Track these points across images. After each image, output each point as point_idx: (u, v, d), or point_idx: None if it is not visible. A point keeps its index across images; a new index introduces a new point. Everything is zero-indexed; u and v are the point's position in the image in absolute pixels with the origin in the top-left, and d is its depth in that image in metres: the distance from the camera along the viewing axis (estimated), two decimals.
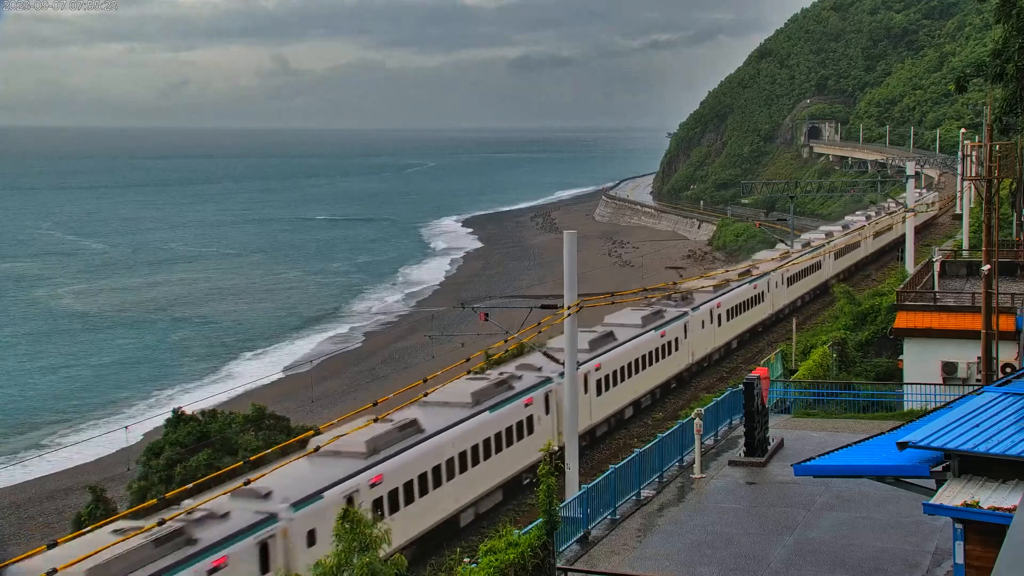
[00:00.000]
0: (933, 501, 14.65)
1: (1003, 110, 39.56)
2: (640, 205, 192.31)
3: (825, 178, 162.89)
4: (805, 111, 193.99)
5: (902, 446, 15.37)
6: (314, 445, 30.50)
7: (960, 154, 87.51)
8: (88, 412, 70.46)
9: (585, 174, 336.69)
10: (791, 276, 71.38)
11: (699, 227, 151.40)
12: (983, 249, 33.62)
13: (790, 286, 71.61)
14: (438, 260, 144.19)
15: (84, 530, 26.08)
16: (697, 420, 26.81)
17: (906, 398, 34.03)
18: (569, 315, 29.21)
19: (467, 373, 38.13)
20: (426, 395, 36.10)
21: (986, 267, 32.10)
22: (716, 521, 23.19)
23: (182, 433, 37.75)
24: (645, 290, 56.65)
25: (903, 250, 70.80)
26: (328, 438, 30.81)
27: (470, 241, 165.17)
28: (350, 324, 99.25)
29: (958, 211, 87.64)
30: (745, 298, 63.66)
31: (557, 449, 23.01)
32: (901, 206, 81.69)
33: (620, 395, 47.58)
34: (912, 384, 34.88)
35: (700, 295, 58.70)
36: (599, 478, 23.54)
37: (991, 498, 14.24)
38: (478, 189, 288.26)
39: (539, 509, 19.85)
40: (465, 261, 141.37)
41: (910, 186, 72.99)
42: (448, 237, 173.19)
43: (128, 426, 47.08)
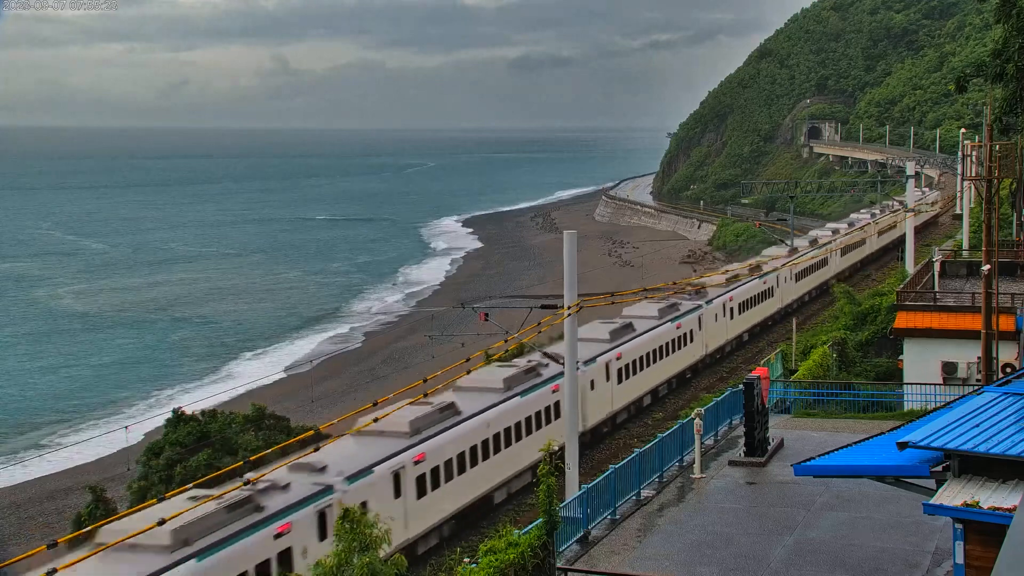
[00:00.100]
0: (933, 501, 14.65)
1: (1003, 110, 39.56)
2: (640, 205, 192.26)
3: (825, 178, 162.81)
4: (805, 111, 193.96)
5: (902, 446, 15.38)
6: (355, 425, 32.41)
7: (960, 154, 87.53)
8: (88, 412, 70.44)
9: (585, 174, 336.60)
10: (799, 272, 72.89)
11: (699, 227, 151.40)
12: (983, 249, 33.62)
13: (798, 281, 73.14)
14: (438, 260, 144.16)
15: (142, 505, 27.11)
16: (697, 420, 26.81)
17: (906, 398, 34.04)
18: (569, 315, 29.21)
19: (488, 360, 40.25)
20: (466, 375, 38.07)
21: (986, 267, 32.10)
22: (716, 521, 23.19)
23: (182, 433, 37.77)
24: (645, 290, 56.72)
25: (903, 250, 70.86)
26: (368, 419, 32.16)
27: (470, 241, 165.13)
28: (350, 324, 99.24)
29: (958, 211, 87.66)
30: (756, 293, 65.21)
31: (557, 449, 23.00)
32: (901, 206, 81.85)
33: (640, 383, 49.28)
34: (912, 384, 34.89)
35: (713, 289, 60.18)
36: (599, 478, 23.55)
37: (991, 498, 14.25)
38: (478, 189, 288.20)
39: (539, 509, 19.85)
40: (465, 261, 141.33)
41: (910, 186, 73.02)
42: (448, 237, 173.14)
43: (128, 426, 47.02)
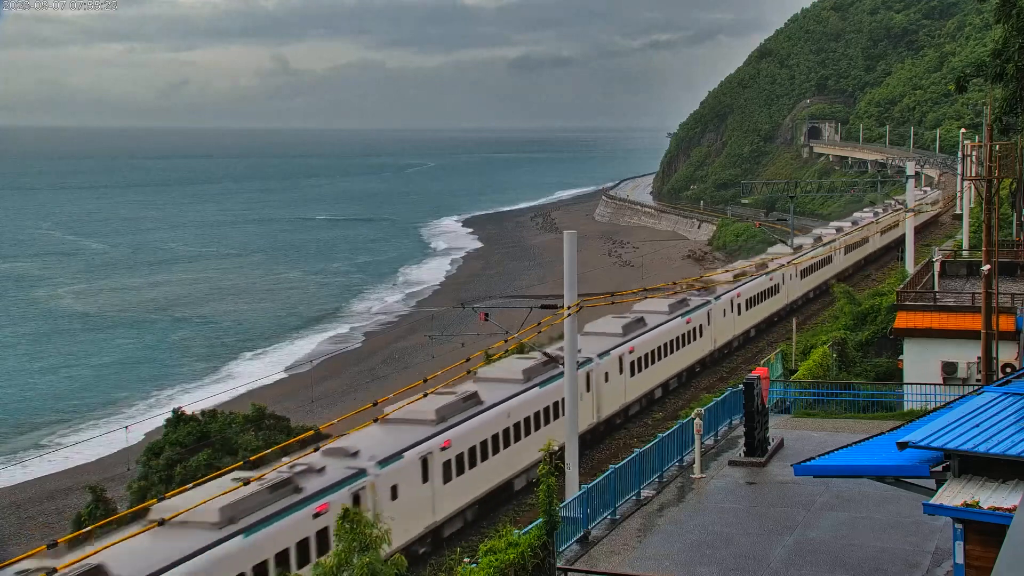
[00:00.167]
0: (933, 501, 14.65)
1: (1003, 110, 39.55)
2: (640, 205, 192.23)
3: (825, 178, 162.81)
4: (805, 111, 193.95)
5: (902, 446, 15.38)
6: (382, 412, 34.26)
7: (960, 154, 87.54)
8: (88, 412, 70.43)
9: (585, 174, 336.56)
10: (804, 269, 74.10)
11: (699, 227, 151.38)
12: (983, 249, 33.62)
13: (803, 278, 74.40)
14: (438, 260, 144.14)
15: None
16: (697, 420, 26.81)
17: (906, 398, 34.03)
18: (569, 315, 29.20)
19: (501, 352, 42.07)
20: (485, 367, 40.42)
21: (986, 267, 32.10)
22: (716, 521, 23.19)
23: (182, 433, 37.76)
24: (645, 290, 56.81)
25: (903, 250, 70.88)
26: (393, 407, 34.12)
27: (470, 241, 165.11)
28: (350, 324, 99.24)
29: (958, 211, 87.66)
30: (762, 289, 66.56)
31: (557, 449, 23.00)
32: (901, 206, 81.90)
33: (651, 377, 50.64)
34: (912, 384, 34.88)
35: (721, 286, 61.63)
36: (599, 478, 23.54)
37: (991, 498, 14.24)
38: (478, 189, 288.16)
39: (539, 509, 19.85)
40: (465, 261, 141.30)
41: (910, 186, 73.03)
42: (448, 237, 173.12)
43: (128, 426, 47.06)
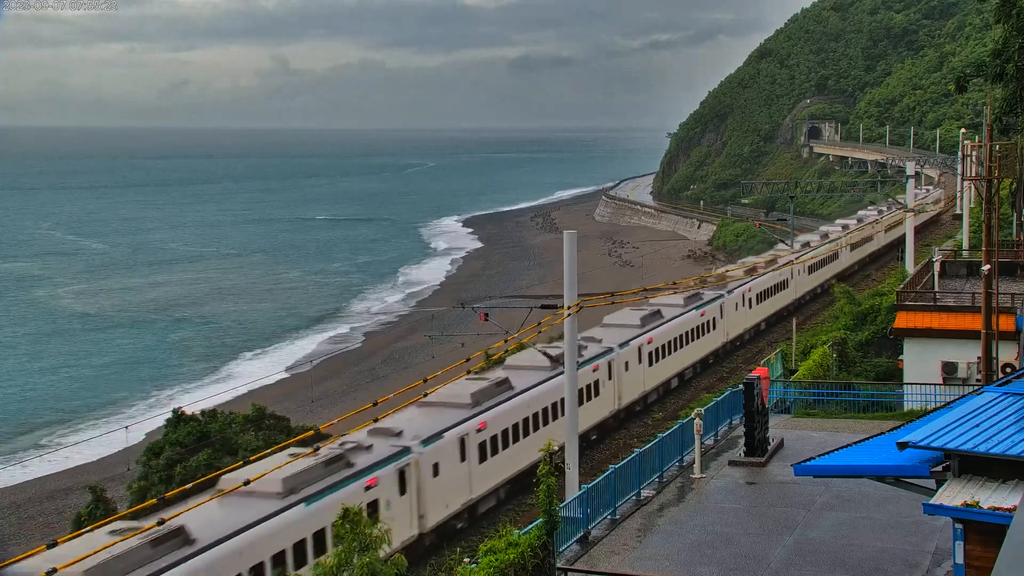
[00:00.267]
0: (933, 501, 14.65)
1: (1003, 110, 39.54)
2: (640, 205, 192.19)
3: (825, 178, 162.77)
4: (805, 111, 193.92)
5: (902, 446, 15.38)
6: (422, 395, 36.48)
7: (960, 154, 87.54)
8: (88, 412, 70.43)
9: (585, 174, 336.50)
10: (812, 265, 75.94)
11: (699, 227, 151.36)
12: (983, 249, 33.61)
13: (811, 274, 76.27)
14: (438, 260, 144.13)
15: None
16: (697, 420, 26.81)
17: (906, 398, 34.02)
18: (569, 315, 29.18)
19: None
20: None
21: (986, 267, 32.09)
22: (716, 521, 23.19)
23: (182, 433, 37.74)
24: (645, 290, 56.99)
25: (903, 250, 70.91)
26: (430, 389, 36.42)
27: (470, 241, 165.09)
28: (350, 324, 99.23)
29: (958, 211, 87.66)
30: (772, 284, 68.37)
31: (557, 449, 23.01)
32: (901, 206, 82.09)
33: (668, 366, 52.74)
34: (912, 384, 34.87)
35: (733, 281, 63.57)
36: (599, 478, 23.55)
37: (991, 498, 14.24)
38: (478, 189, 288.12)
39: (539, 509, 19.86)
40: (465, 261, 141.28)
41: (910, 186, 73.04)
42: (448, 237, 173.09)
43: (128, 426, 47.02)
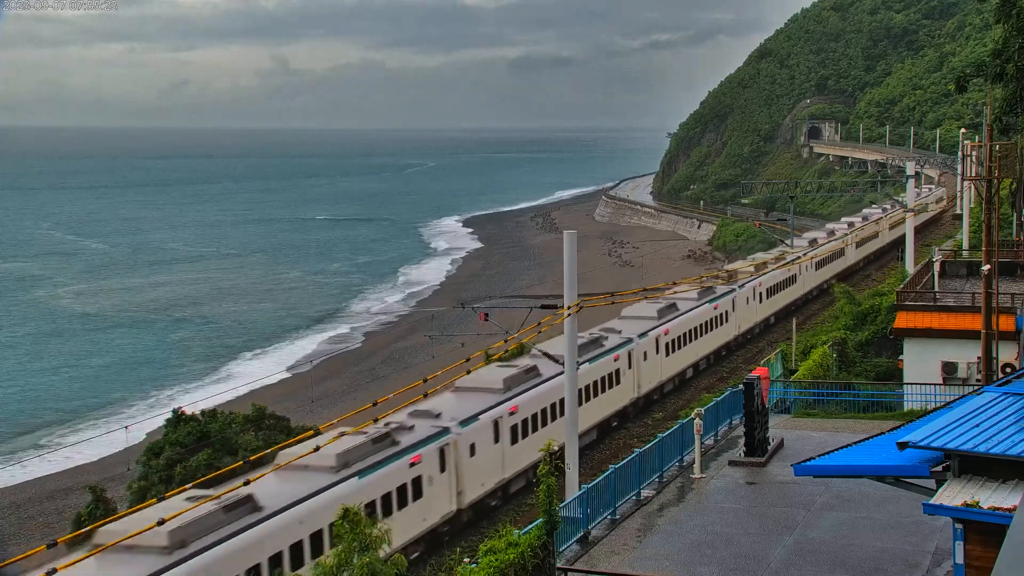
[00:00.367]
0: (933, 501, 14.65)
1: (1003, 110, 39.53)
2: (640, 205, 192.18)
3: (825, 178, 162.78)
4: (805, 111, 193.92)
5: (902, 446, 15.37)
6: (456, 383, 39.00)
7: (960, 154, 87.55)
8: (88, 412, 70.41)
9: (585, 174, 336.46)
10: (819, 261, 77.80)
11: (699, 227, 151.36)
12: (983, 249, 33.61)
13: (818, 270, 78.04)
14: (438, 260, 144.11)
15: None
16: (697, 420, 26.81)
17: (906, 398, 34.02)
18: (569, 315, 29.16)
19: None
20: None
21: (986, 267, 32.09)
22: (716, 521, 23.19)
23: (182, 433, 37.71)
24: (645, 290, 57.04)
25: (903, 250, 70.94)
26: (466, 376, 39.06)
27: (470, 241, 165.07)
28: (350, 324, 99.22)
29: (958, 211, 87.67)
30: (781, 279, 70.44)
31: (557, 449, 23.00)
32: (901, 206, 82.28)
33: (684, 357, 54.81)
34: (912, 384, 34.87)
35: (744, 276, 65.29)
36: (599, 478, 23.54)
37: (991, 498, 14.24)
38: (478, 189, 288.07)
39: (539, 509, 19.85)
40: (465, 261, 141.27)
41: (910, 186, 73.15)
42: (448, 237, 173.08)
43: (128, 426, 46.98)
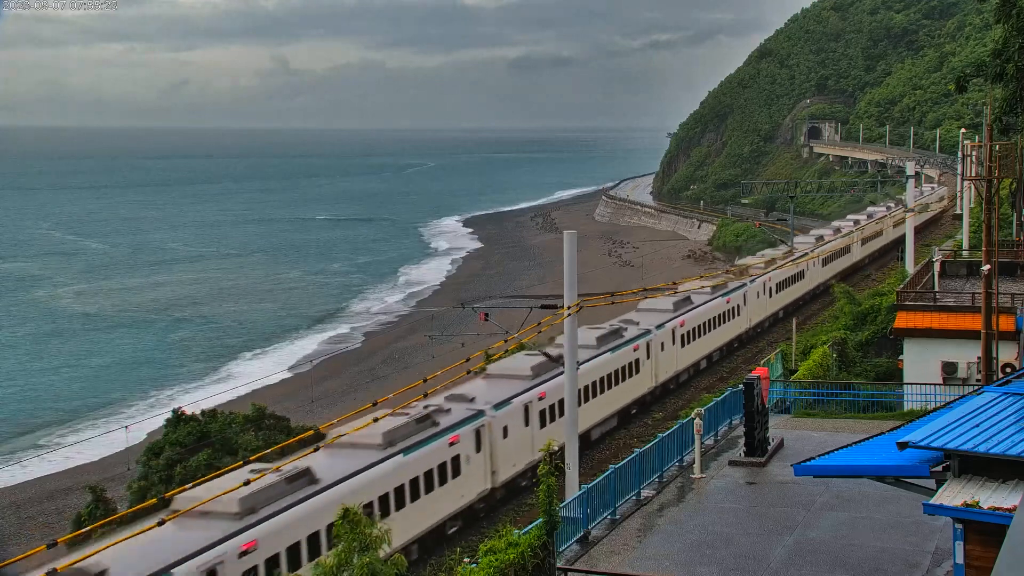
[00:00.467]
0: (933, 501, 14.65)
1: (1003, 110, 39.52)
2: (640, 205, 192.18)
3: (825, 178, 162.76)
4: (805, 111, 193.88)
5: (902, 446, 15.37)
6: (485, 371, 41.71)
7: (960, 154, 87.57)
8: (88, 412, 70.42)
9: (585, 174, 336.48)
10: (826, 258, 79.44)
11: (699, 227, 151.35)
12: (983, 249, 33.60)
13: (824, 266, 79.65)
14: (438, 260, 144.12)
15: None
16: (697, 420, 26.80)
17: (906, 398, 34.01)
18: (569, 315, 29.16)
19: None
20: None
21: (986, 267, 32.08)
22: (716, 521, 23.18)
23: (182, 433, 37.71)
24: (645, 290, 57.31)
25: (903, 250, 70.99)
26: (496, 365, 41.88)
27: (470, 241, 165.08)
28: (350, 324, 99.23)
29: (958, 211, 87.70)
30: (789, 275, 72.12)
31: (557, 449, 23.00)
32: (901, 206, 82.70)
33: (698, 348, 56.61)
34: (912, 384, 34.86)
35: (755, 271, 66.97)
36: (599, 478, 23.54)
37: (991, 498, 14.24)
38: (478, 189, 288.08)
39: (539, 509, 19.85)
40: (465, 261, 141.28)
41: (910, 186, 73.23)
42: (448, 237, 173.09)
43: (128, 426, 46.99)
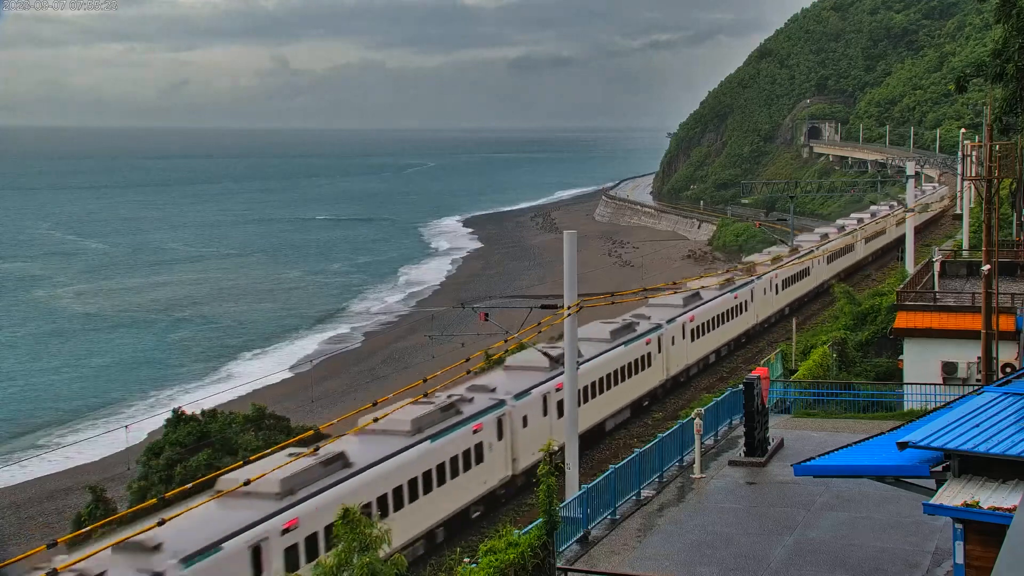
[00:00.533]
0: (933, 501, 14.65)
1: (1003, 110, 39.54)
2: (640, 205, 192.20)
3: (825, 178, 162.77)
4: (805, 111, 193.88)
5: (902, 446, 15.37)
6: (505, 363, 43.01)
7: (960, 154, 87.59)
8: (88, 412, 70.43)
9: (585, 174, 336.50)
10: (830, 256, 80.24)
11: (699, 227, 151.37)
12: (983, 249, 33.60)
13: (829, 263, 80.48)
14: (438, 260, 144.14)
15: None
16: (697, 420, 26.80)
17: (906, 398, 34.01)
18: (569, 315, 29.15)
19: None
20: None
21: (986, 267, 32.09)
22: (716, 521, 23.19)
23: (182, 433, 37.72)
24: (645, 290, 57.34)
25: (903, 250, 71.01)
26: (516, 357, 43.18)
27: (470, 241, 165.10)
28: (350, 324, 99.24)
29: (958, 211, 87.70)
30: (795, 272, 72.99)
31: (557, 449, 23.00)
32: (901, 206, 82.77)
33: (707, 343, 57.40)
34: (912, 384, 34.86)
35: (761, 268, 67.51)
36: (599, 478, 23.54)
37: (991, 498, 14.24)
38: (478, 189, 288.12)
39: (539, 509, 19.84)
40: (465, 261, 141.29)
41: (910, 186, 73.26)
42: (448, 237, 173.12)
43: (128, 426, 47.00)
